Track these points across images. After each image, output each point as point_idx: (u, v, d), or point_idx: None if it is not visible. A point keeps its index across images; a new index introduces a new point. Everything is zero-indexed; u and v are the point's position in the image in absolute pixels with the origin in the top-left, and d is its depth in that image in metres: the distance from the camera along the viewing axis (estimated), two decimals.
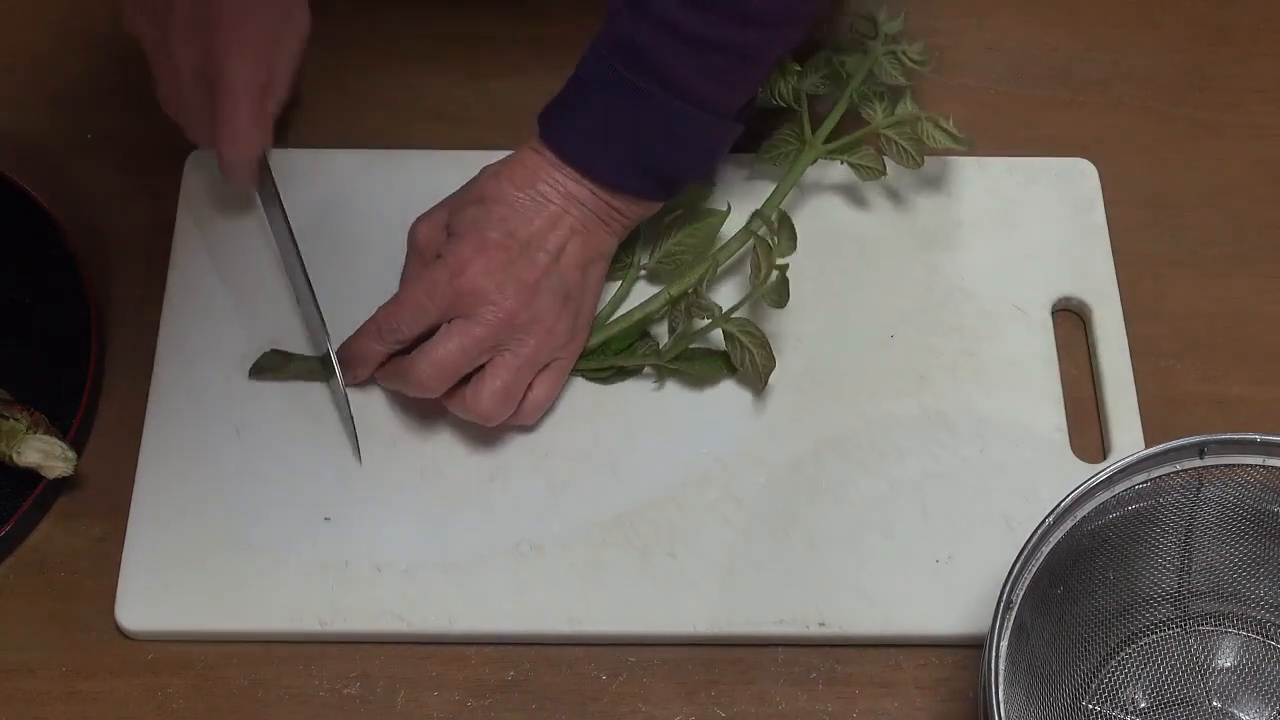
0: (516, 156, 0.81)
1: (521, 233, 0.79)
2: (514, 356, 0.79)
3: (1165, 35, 0.99)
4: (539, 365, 0.81)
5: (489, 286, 0.78)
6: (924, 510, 0.81)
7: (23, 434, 0.80)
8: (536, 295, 0.79)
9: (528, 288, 0.78)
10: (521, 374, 0.80)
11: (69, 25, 0.98)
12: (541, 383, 0.81)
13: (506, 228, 0.79)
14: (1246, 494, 0.73)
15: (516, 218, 0.79)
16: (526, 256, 0.79)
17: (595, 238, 0.81)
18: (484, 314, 0.78)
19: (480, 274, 0.78)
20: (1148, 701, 0.77)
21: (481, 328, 0.78)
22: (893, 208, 0.90)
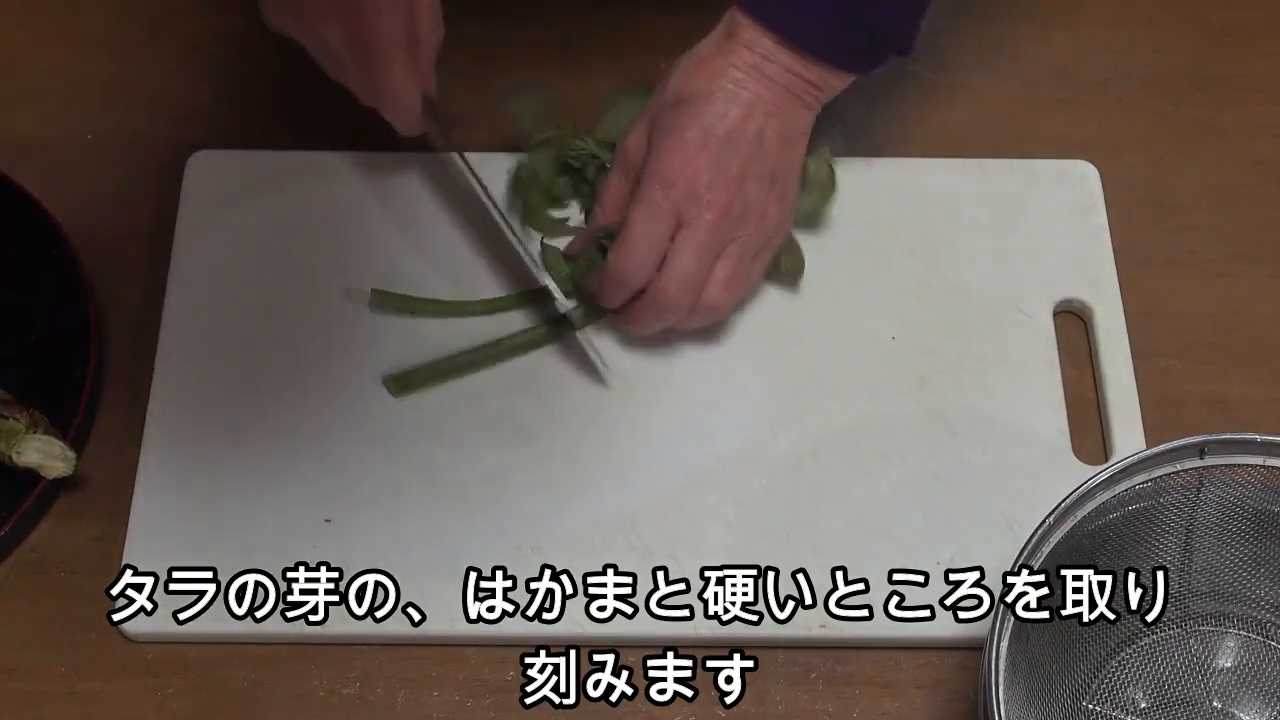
0: (706, 47, 0.82)
1: (720, 127, 0.80)
2: (737, 246, 0.81)
3: (1165, 35, 0.99)
4: (759, 250, 0.83)
5: (699, 188, 0.79)
6: (925, 512, 0.81)
7: (22, 434, 0.80)
8: (745, 184, 0.80)
9: (735, 179, 0.80)
10: (744, 260, 0.82)
11: (69, 25, 0.98)
12: (757, 262, 0.84)
13: (703, 125, 0.80)
14: (1247, 494, 0.73)
15: (712, 113, 0.80)
16: (729, 149, 0.80)
17: (792, 116, 0.82)
18: (702, 215, 0.80)
19: (688, 178, 0.79)
20: (1148, 701, 0.77)
21: (704, 231, 0.80)
22: (894, 209, 0.90)
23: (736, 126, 0.80)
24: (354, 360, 0.85)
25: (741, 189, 0.80)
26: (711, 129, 0.80)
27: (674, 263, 0.80)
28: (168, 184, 0.91)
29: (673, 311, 0.82)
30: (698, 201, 0.80)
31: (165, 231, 0.89)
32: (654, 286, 0.81)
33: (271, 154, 0.91)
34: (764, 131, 0.81)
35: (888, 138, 0.94)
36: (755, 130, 0.81)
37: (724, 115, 0.80)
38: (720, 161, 0.80)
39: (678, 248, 0.80)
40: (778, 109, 0.81)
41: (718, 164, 0.80)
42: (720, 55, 0.81)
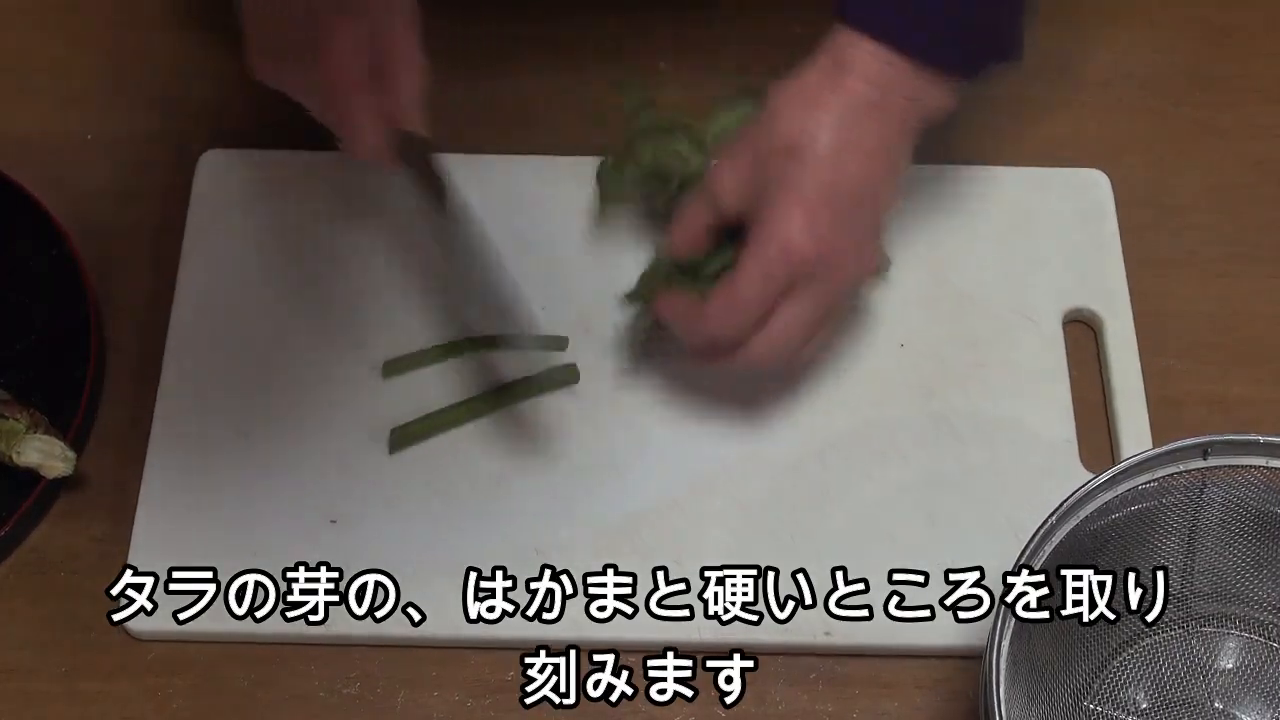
0: (813, 79, 0.75)
1: (844, 186, 0.74)
2: (821, 297, 0.77)
3: (1165, 35, 0.99)
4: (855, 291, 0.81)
5: (822, 259, 0.74)
6: (930, 519, 0.81)
7: (23, 434, 0.80)
8: (863, 248, 0.77)
9: (857, 245, 0.77)
10: (833, 314, 0.79)
11: (70, 25, 0.98)
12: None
13: (824, 183, 0.74)
14: (1249, 495, 0.73)
15: (831, 166, 0.74)
16: (854, 212, 0.75)
17: (895, 151, 0.77)
18: (818, 287, 0.75)
19: (811, 249, 0.74)
20: (1149, 702, 0.77)
21: (818, 300, 0.76)
22: (903, 215, 0.90)
23: (860, 183, 0.75)
24: (360, 361, 0.85)
25: (860, 254, 0.77)
26: (835, 188, 0.74)
27: (775, 330, 0.76)
28: (170, 183, 0.90)
29: (759, 368, 0.78)
30: (818, 273, 0.75)
31: (168, 231, 0.89)
32: (747, 346, 0.76)
33: (282, 153, 0.91)
34: (885, 180, 0.76)
35: None
36: (878, 180, 0.76)
37: (846, 170, 0.74)
38: (844, 227, 0.75)
39: (784, 316, 0.76)
40: (896, 149, 0.76)
41: (842, 231, 0.75)
42: (832, 91, 0.74)
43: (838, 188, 0.74)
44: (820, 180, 0.74)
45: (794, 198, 0.74)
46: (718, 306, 0.76)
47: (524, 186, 0.91)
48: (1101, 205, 0.91)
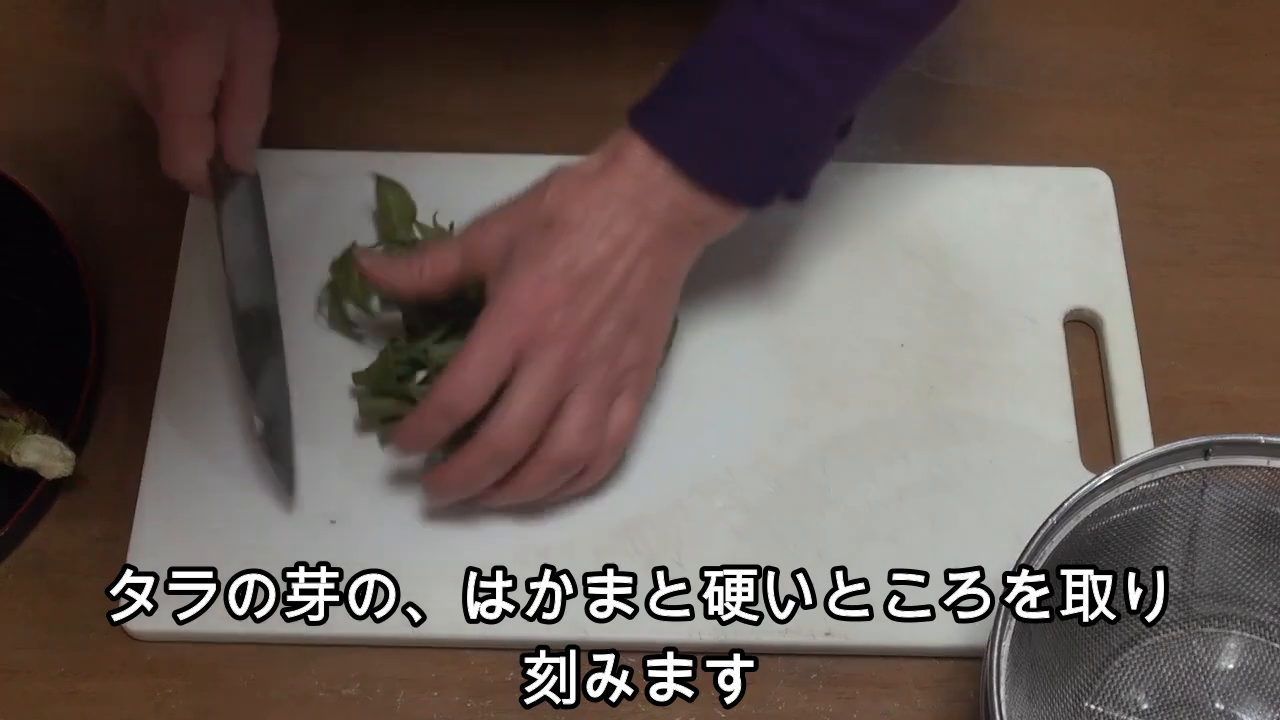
0: (590, 165, 0.77)
1: (584, 262, 0.75)
2: (585, 389, 0.76)
3: (1165, 35, 0.99)
4: (614, 393, 0.78)
5: (548, 326, 0.74)
6: (931, 520, 0.81)
7: (22, 434, 0.80)
8: (599, 327, 0.76)
9: (589, 322, 0.75)
10: (598, 402, 0.77)
11: (70, 25, 0.98)
12: (620, 406, 0.78)
13: (568, 258, 0.74)
14: (1251, 496, 0.73)
15: (579, 245, 0.75)
16: (588, 288, 0.75)
17: (668, 257, 0.77)
18: (548, 355, 0.74)
19: (538, 314, 0.74)
20: (1150, 703, 0.77)
21: (549, 370, 0.75)
22: (903, 215, 0.90)
23: (602, 264, 0.75)
24: (361, 360, 0.85)
25: (593, 332, 0.75)
26: (574, 263, 0.74)
27: (511, 402, 0.74)
28: (169, 183, 0.90)
29: (505, 461, 0.76)
30: (543, 340, 0.74)
31: (167, 230, 0.89)
32: (489, 429, 0.75)
33: (281, 152, 0.91)
34: (633, 273, 0.75)
35: (888, 139, 0.94)
36: (624, 270, 0.75)
37: (590, 250, 0.75)
38: (576, 300, 0.74)
39: (516, 385, 0.74)
40: (652, 249, 0.76)
41: (573, 303, 0.74)
42: (604, 179, 0.75)
43: (577, 264, 0.75)
44: (563, 256, 0.74)
45: (533, 263, 0.75)
46: (447, 374, 0.75)
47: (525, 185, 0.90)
48: (1102, 205, 0.91)
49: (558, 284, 0.74)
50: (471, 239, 0.78)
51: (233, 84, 0.80)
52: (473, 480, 0.77)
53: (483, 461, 0.76)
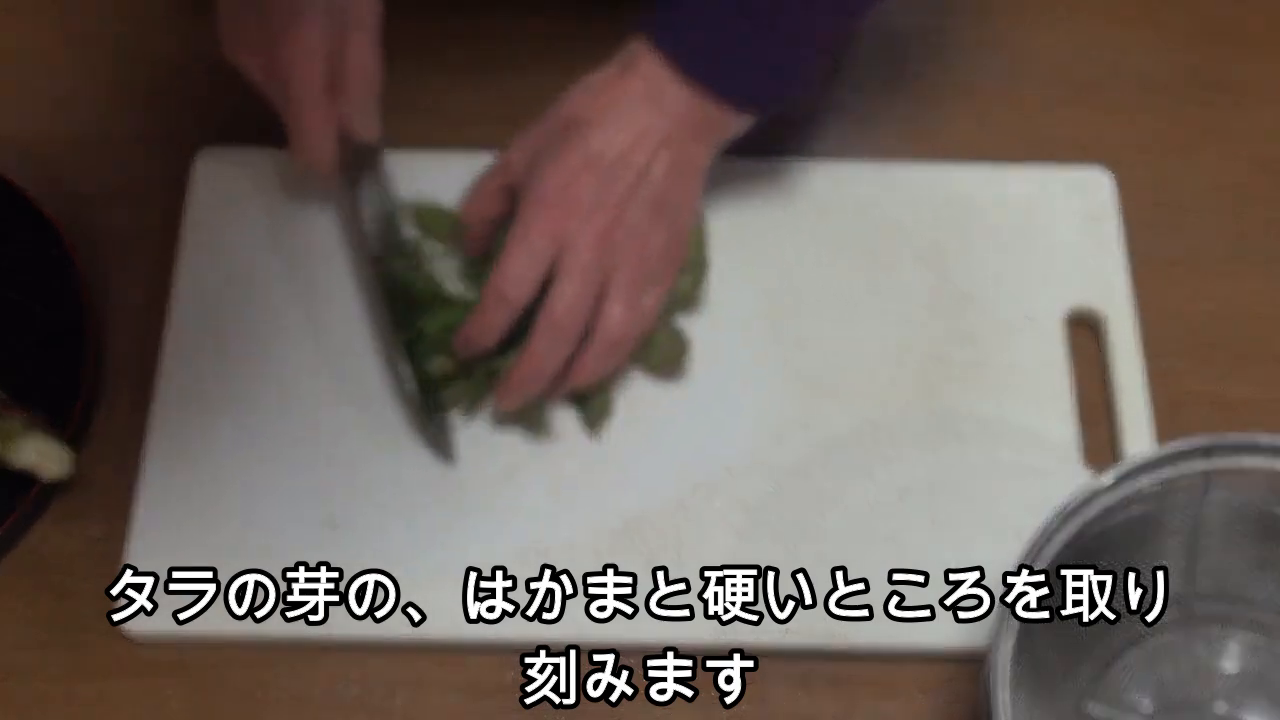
0: (609, 69, 0.81)
1: (606, 153, 0.79)
2: (623, 271, 0.80)
3: (1167, 34, 0.99)
4: (648, 280, 0.81)
5: (579, 210, 0.78)
6: (932, 520, 0.81)
7: (20, 434, 0.80)
8: (627, 210, 0.79)
9: (617, 204, 0.79)
10: (635, 290, 0.80)
11: (69, 25, 0.98)
12: (649, 293, 0.81)
13: (589, 149, 0.79)
14: (1253, 497, 0.72)
15: (599, 138, 0.79)
16: (613, 174, 0.79)
17: (686, 149, 0.81)
18: (585, 238, 0.78)
19: (569, 200, 0.78)
20: (1152, 705, 0.77)
21: (589, 251, 0.78)
22: (904, 215, 0.90)
23: (623, 153, 0.79)
24: (360, 360, 0.85)
25: (623, 214, 0.79)
26: (597, 153, 0.79)
27: (557, 287, 0.79)
28: (168, 183, 0.90)
29: (559, 345, 0.79)
30: (578, 224, 0.78)
31: (166, 231, 0.89)
32: (545, 313, 0.79)
33: (280, 151, 0.90)
34: (653, 162, 0.80)
35: (889, 138, 0.94)
36: (644, 159, 0.79)
37: (611, 141, 0.79)
38: (603, 185, 0.79)
39: (561, 269, 0.79)
40: (670, 141, 0.80)
41: (600, 187, 0.79)
42: (615, 83, 0.80)
43: (602, 156, 0.79)
44: (584, 146, 0.79)
45: (559, 158, 0.79)
46: (498, 266, 0.79)
47: None
48: (1104, 204, 0.91)
49: (584, 173, 0.79)
50: (503, 160, 0.83)
51: (347, 57, 0.83)
52: (540, 369, 0.80)
53: (545, 346, 0.79)
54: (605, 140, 0.79)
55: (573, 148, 0.79)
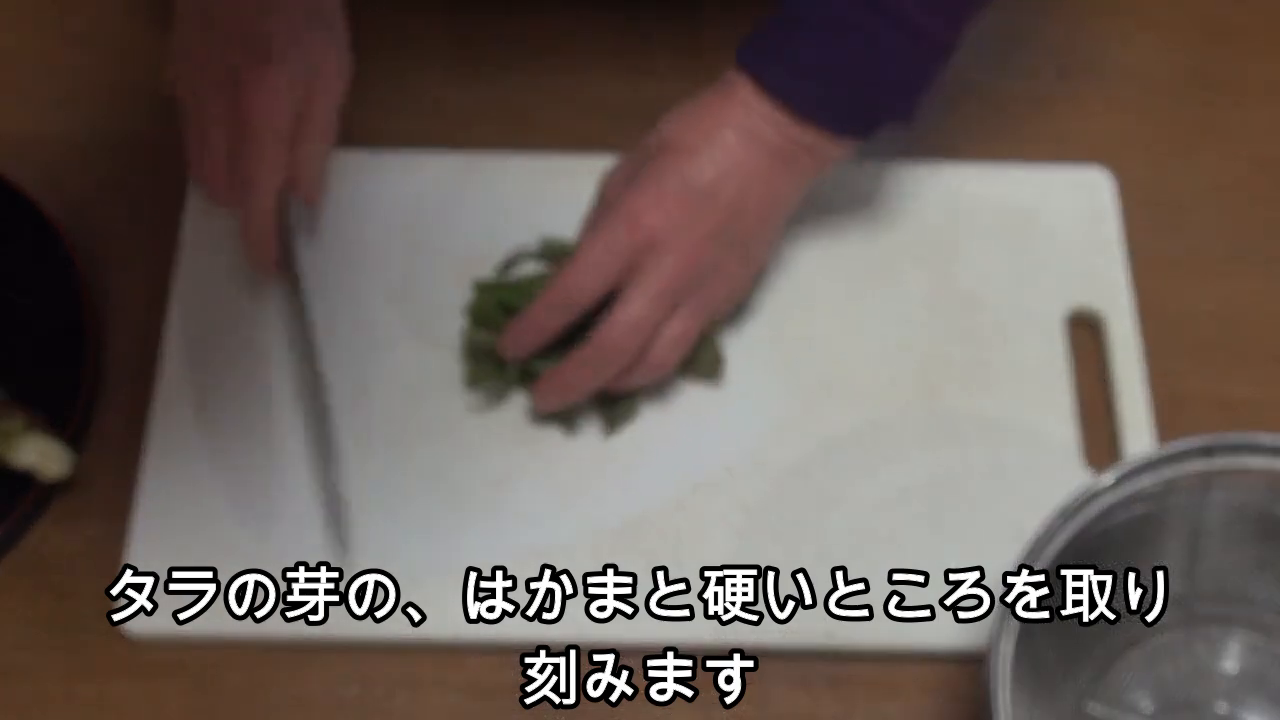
0: (703, 98, 0.80)
1: (700, 181, 0.78)
2: (691, 305, 0.79)
3: (1168, 33, 0.99)
4: (712, 313, 0.81)
5: (665, 235, 0.77)
6: (933, 521, 0.81)
7: (20, 434, 0.79)
8: (712, 243, 0.78)
9: (704, 236, 0.78)
10: (697, 321, 0.80)
11: (69, 25, 0.98)
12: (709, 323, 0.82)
13: (684, 176, 0.78)
14: (1253, 496, 0.73)
15: (696, 166, 0.78)
16: (704, 205, 0.78)
17: (779, 185, 0.80)
18: (664, 266, 0.77)
19: (658, 226, 0.77)
20: (1153, 705, 0.77)
21: (664, 280, 0.77)
22: (906, 214, 0.90)
23: (716, 185, 0.78)
24: (358, 359, 0.85)
25: (706, 248, 0.78)
26: (691, 181, 0.78)
27: (625, 306, 0.77)
28: (168, 183, 0.90)
29: (612, 363, 0.78)
30: (661, 248, 0.77)
31: (166, 231, 0.89)
32: (603, 331, 0.78)
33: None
34: (745, 197, 0.79)
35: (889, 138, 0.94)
36: (736, 193, 0.78)
37: (705, 171, 0.78)
38: (693, 214, 0.78)
39: (631, 291, 0.78)
40: (764, 177, 0.79)
41: (690, 215, 0.78)
42: (716, 110, 0.79)
43: (694, 183, 0.78)
44: (679, 173, 0.78)
45: (652, 180, 0.78)
46: (569, 268, 0.78)
47: (524, 184, 0.90)
48: (1104, 204, 0.91)
49: (676, 199, 0.77)
50: (604, 187, 0.83)
51: (310, 115, 0.83)
52: (583, 381, 0.80)
53: (594, 362, 0.79)
54: (699, 170, 0.78)
55: (666, 172, 0.78)
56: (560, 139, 0.93)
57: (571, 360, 0.79)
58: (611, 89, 0.95)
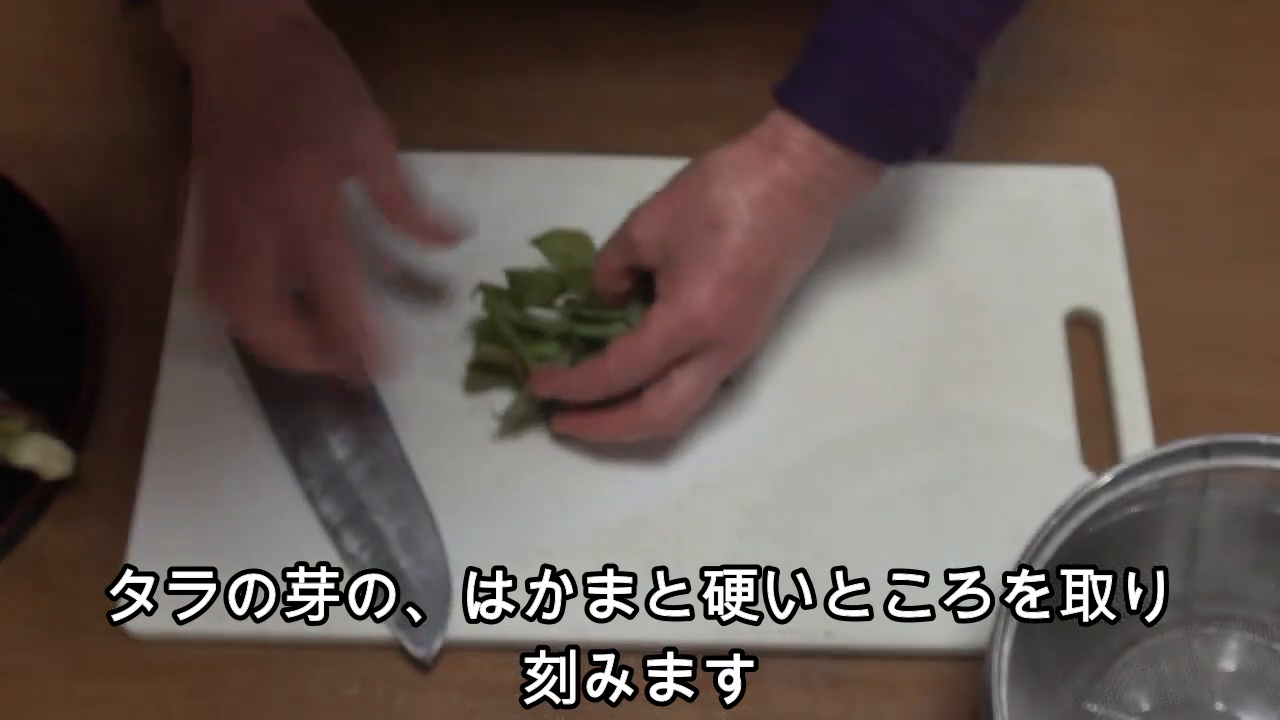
0: (750, 147, 0.76)
1: (757, 267, 0.76)
2: (716, 367, 0.78)
3: (1167, 34, 0.99)
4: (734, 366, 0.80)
5: (726, 330, 0.76)
6: (932, 521, 0.81)
7: (21, 434, 0.80)
8: (760, 324, 0.79)
9: (756, 323, 0.78)
10: (715, 381, 0.80)
11: (70, 25, 0.98)
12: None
13: (741, 263, 0.76)
14: (1251, 496, 0.73)
15: (751, 250, 0.76)
16: (759, 292, 0.77)
17: (816, 242, 0.80)
18: (717, 356, 0.77)
19: (719, 321, 0.76)
20: (1151, 704, 0.77)
21: (715, 369, 0.78)
22: (904, 215, 0.90)
23: (772, 267, 0.77)
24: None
25: (754, 332, 0.79)
26: (747, 269, 0.76)
27: (676, 389, 0.77)
28: (168, 183, 0.90)
29: (646, 432, 0.79)
30: (717, 344, 0.77)
31: (167, 231, 0.89)
32: (650, 406, 0.78)
33: None
34: (796, 266, 0.79)
35: None
36: (789, 268, 0.78)
37: (762, 254, 0.76)
38: (749, 304, 0.77)
39: (686, 373, 0.77)
40: (813, 236, 0.79)
41: (746, 307, 0.76)
42: (762, 169, 0.76)
43: (751, 269, 0.76)
44: (738, 260, 0.75)
45: (710, 271, 0.75)
46: (618, 355, 0.77)
47: (525, 185, 0.90)
48: (1103, 204, 0.91)
49: (733, 291, 0.76)
50: (635, 233, 0.78)
51: (375, 186, 0.79)
52: (613, 434, 0.80)
53: (633, 427, 0.79)
54: (756, 253, 0.76)
55: (721, 257, 0.75)
56: (561, 139, 0.93)
57: (614, 416, 0.79)
58: (611, 89, 0.95)
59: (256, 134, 0.75)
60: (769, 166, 0.76)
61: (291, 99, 0.76)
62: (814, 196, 0.77)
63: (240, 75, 0.77)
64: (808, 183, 0.76)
